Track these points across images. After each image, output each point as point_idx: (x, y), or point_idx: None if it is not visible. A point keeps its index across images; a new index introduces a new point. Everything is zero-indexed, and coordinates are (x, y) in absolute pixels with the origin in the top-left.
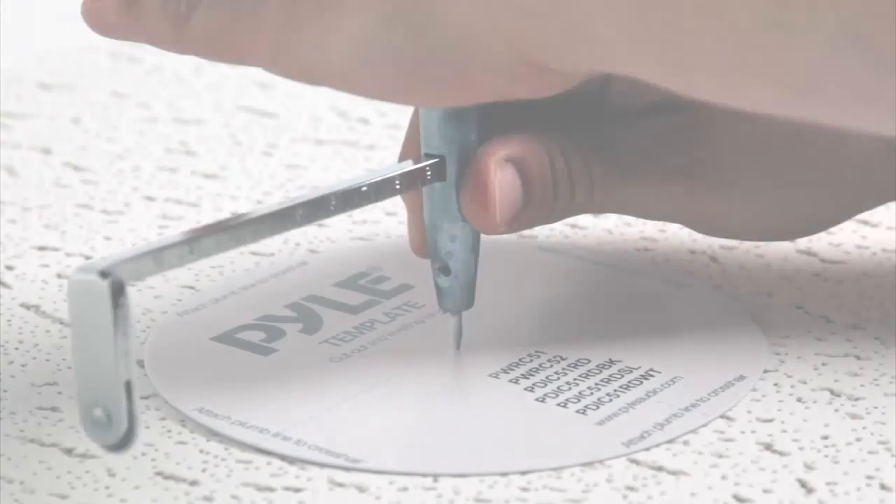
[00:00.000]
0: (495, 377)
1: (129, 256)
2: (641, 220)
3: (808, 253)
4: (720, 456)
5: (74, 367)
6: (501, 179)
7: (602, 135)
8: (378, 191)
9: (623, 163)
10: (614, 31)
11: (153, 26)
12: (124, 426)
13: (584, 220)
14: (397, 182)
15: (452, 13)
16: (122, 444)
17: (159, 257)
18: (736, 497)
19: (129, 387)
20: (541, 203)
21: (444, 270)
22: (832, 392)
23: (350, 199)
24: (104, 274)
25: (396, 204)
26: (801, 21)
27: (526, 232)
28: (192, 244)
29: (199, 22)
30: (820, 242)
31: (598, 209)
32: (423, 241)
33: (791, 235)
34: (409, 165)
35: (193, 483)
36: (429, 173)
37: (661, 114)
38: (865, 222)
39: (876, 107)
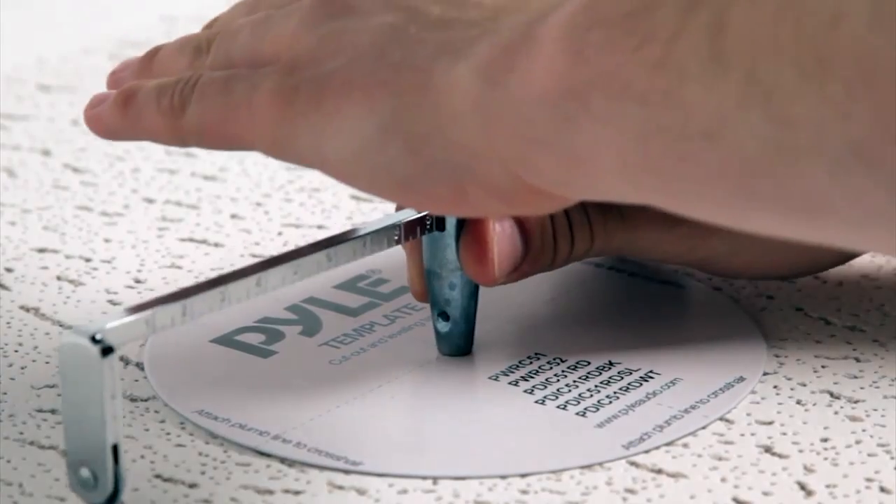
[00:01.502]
0: (495, 380)
1: (120, 320)
2: None
3: None
4: (720, 458)
5: (63, 427)
6: (500, 234)
7: None
8: (377, 242)
9: (622, 210)
10: (613, 160)
11: (150, 123)
12: (110, 488)
13: None
14: (397, 233)
15: (452, 133)
16: None
17: (152, 320)
18: (735, 500)
19: (115, 450)
20: (540, 255)
21: (444, 316)
22: (832, 394)
23: (347, 252)
24: (95, 339)
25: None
26: (808, 143)
27: None
28: (185, 305)
29: (193, 114)
30: None
31: (598, 255)
32: (424, 288)
33: (792, 276)
34: (410, 215)
35: (192, 486)
36: (429, 223)
37: None
38: None
39: (887, 228)
